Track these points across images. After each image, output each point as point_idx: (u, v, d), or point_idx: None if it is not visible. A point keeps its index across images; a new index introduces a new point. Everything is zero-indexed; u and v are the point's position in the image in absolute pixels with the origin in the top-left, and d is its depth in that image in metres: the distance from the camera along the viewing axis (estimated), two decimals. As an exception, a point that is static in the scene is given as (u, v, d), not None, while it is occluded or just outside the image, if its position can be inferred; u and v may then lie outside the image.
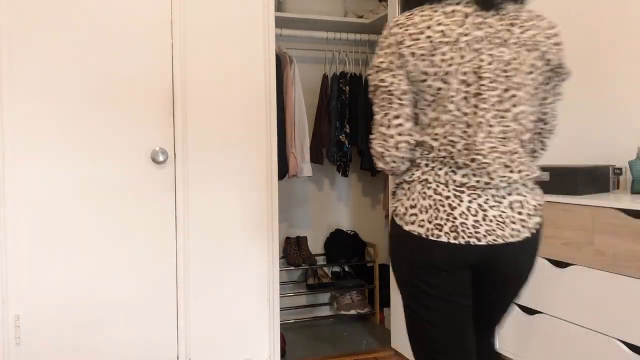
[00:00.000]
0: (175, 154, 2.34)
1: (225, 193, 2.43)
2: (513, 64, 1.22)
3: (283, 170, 2.94)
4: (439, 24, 1.21)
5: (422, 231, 1.22)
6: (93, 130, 2.22)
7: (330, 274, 3.47)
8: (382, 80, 1.25)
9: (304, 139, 3.02)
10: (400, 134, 1.24)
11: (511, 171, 1.22)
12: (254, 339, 2.50)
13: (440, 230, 1.20)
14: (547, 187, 2.08)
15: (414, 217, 1.24)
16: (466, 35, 1.20)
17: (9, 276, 2.12)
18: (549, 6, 2.56)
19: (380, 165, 1.30)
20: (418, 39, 1.21)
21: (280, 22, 2.90)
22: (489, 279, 1.30)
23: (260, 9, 2.46)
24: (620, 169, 2.13)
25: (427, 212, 1.22)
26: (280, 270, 2.68)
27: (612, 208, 1.79)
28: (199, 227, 2.39)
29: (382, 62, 1.26)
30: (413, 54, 1.21)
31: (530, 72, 1.25)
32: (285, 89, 2.97)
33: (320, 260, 3.45)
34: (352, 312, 3.32)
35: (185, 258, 2.36)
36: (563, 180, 2.03)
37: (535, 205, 1.27)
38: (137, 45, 2.27)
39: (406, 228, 1.25)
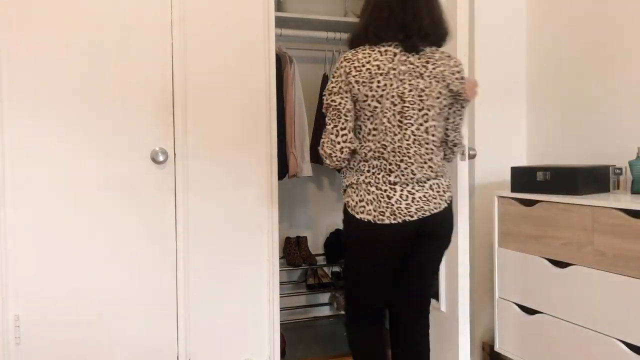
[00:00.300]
0: (175, 154, 2.34)
1: (225, 193, 2.43)
2: (426, 91, 1.69)
3: (283, 170, 2.94)
4: (376, 60, 1.68)
5: (370, 218, 1.69)
6: (93, 131, 2.22)
7: (330, 274, 3.47)
8: (333, 101, 1.71)
9: (304, 139, 3.02)
10: (344, 142, 1.70)
11: (429, 167, 1.71)
12: (254, 339, 2.50)
13: (383, 215, 1.68)
14: (547, 187, 2.08)
15: (362, 208, 1.70)
16: (394, 69, 1.67)
17: (9, 276, 2.12)
18: (550, 6, 2.56)
19: (327, 162, 1.76)
20: (360, 71, 1.67)
21: (280, 22, 2.89)
22: (423, 240, 1.76)
23: (260, 9, 2.46)
24: (620, 169, 2.13)
25: (372, 204, 1.69)
26: (280, 270, 2.68)
27: (612, 208, 1.79)
28: (199, 227, 2.39)
29: (333, 87, 1.71)
30: (357, 81, 1.68)
31: (438, 98, 1.71)
32: (285, 89, 2.97)
33: (320, 260, 3.45)
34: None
35: (185, 258, 2.36)
36: (563, 180, 2.03)
37: (447, 185, 1.78)
38: (137, 45, 2.27)
39: (357, 216, 1.71)
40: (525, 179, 2.18)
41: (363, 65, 1.67)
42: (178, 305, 2.36)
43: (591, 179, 2.05)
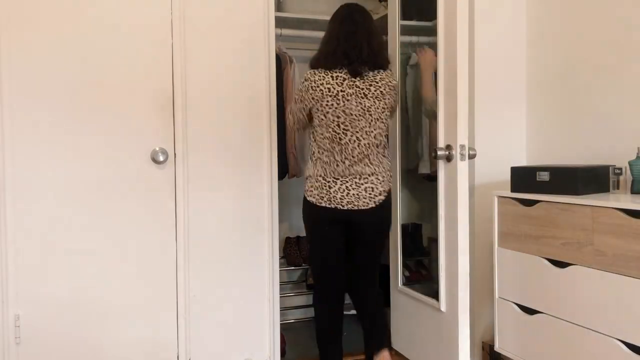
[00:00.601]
0: (175, 154, 2.34)
1: (225, 193, 2.43)
2: (372, 109, 2.17)
3: (283, 170, 2.94)
4: (328, 83, 2.15)
5: (314, 201, 2.21)
6: (93, 131, 2.22)
7: (330, 274, 3.47)
8: (299, 101, 2.23)
9: (304, 139, 3.02)
10: (297, 120, 2.27)
11: (368, 167, 2.18)
12: (254, 338, 2.50)
13: (322, 199, 2.19)
14: (547, 187, 2.08)
15: (311, 193, 2.22)
16: (342, 91, 2.14)
17: (9, 276, 2.12)
18: (550, 7, 2.56)
19: (289, 125, 2.35)
20: (315, 90, 2.16)
21: (280, 22, 2.90)
22: (354, 230, 2.25)
23: (261, 9, 2.46)
24: (620, 169, 2.13)
25: (317, 190, 2.20)
26: (280, 270, 2.68)
27: (612, 208, 1.79)
28: (199, 226, 2.39)
29: (301, 95, 2.22)
30: (312, 97, 2.17)
31: (382, 111, 2.20)
32: (285, 89, 2.97)
33: (320, 260, 3.44)
34: (352, 312, 3.32)
35: (185, 258, 2.36)
36: (563, 180, 2.03)
37: (381, 191, 2.21)
38: (137, 46, 2.28)
39: (308, 198, 2.24)
40: (525, 179, 2.18)
41: (317, 86, 2.15)
42: (178, 305, 2.36)
43: (591, 179, 2.05)
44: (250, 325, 2.49)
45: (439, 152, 2.26)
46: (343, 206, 2.16)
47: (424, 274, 3.26)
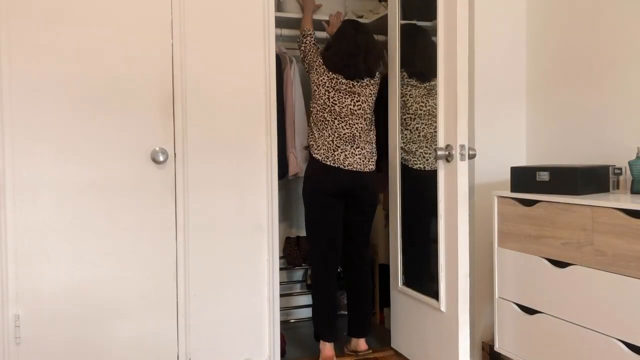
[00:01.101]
0: (175, 154, 2.34)
1: (225, 193, 2.43)
2: (365, 103, 2.70)
3: (283, 170, 2.94)
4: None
5: (320, 158, 2.64)
6: (93, 130, 2.22)
7: (330, 274, 3.47)
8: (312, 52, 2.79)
9: (304, 139, 3.02)
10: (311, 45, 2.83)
11: (361, 140, 2.68)
12: (254, 338, 2.50)
13: (327, 159, 2.63)
14: (547, 187, 2.08)
15: (318, 151, 2.65)
16: (337, 79, 2.67)
17: (9, 276, 2.12)
18: (549, 7, 2.56)
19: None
20: (320, 65, 2.70)
21: (280, 22, 2.89)
22: (351, 193, 2.67)
23: (261, 9, 2.46)
24: (620, 169, 2.13)
25: (323, 149, 2.64)
26: (280, 270, 2.68)
27: (612, 208, 1.79)
28: (198, 226, 2.39)
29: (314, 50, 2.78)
30: (318, 63, 2.71)
31: (365, 101, 2.69)
32: (285, 89, 2.97)
33: (320, 260, 3.44)
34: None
35: (185, 258, 2.37)
36: (563, 180, 2.03)
37: (370, 159, 2.71)
38: (137, 46, 2.28)
39: (314, 155, 2.67)
40: (525, 179, 2.18)
41: (322, 65, 2.69)
42: (178, 305, 2.36)
43: (591, 179, 2.05)
44: (250, 325, 2.49)
45: (439, 152, 2.26)
46: (345, 166, 2.62)
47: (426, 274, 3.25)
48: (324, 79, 2.65)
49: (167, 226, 2.34)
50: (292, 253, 3.30)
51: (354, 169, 2.63)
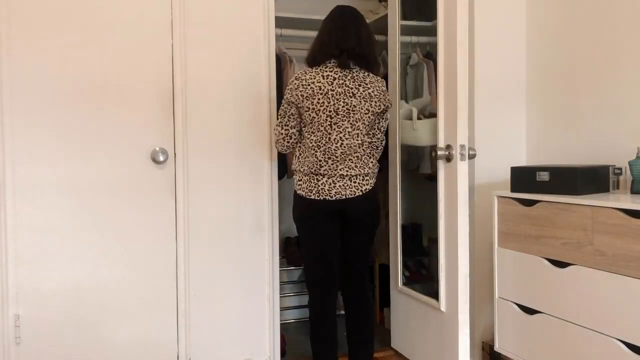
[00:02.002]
0: (175, 153, 2.34)
1: (225, 193, 2.43)
2: (357, 107, 2.20)
3: (283, 170, 2.94)
4: (319, 82, 2.18)
5: (304, 193, 2.24)
6: (93, 130, 2.22)
7: (330, 274, 3.46)
8: (283, 105, 2.24)
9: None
10: (285, 135, 2.25)
11: (353, 165, 2.23)
12: (254, 338, 2.50)
13: (311, 193, 2.22)
14: (547, 187, 2.08)
15: (300, 186, 2.26)
16: (332, 90, 2.18)
17: (9, 276, 2.12)
18: (549, 7, 2.56)
19: (276, 146, 2.32)
20: (306, 88, 2.18)
21: (280, 22, 2.89)
22: (345, 218, 2.28)
23: (261, 9, 2.46)
24: (620, 169, 2.13)
25: (306, 184, 2.23)
26: (280, 270, 2.68)
27: (612, 208, 1.79)
28: (199, 226, 2.39)
29: (288, 96, 2.22)
30: (302, 95, 2.18)
31: (366, 113, 2.22)
32: (285, 88, 2.97)
33: (320, 260, 3.44)
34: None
35: (185, 258, 2.36)
36: (563, 180, 2.03)
37: (367, 178, 2.27)
38: (137, 45, 2.28)
39: (298, 192, 2.27)
40: (525, 179, 2.18)
41: (308, 84, 2.18)
42: (178, 305, 2.36)
43: (591, 179, 2.05)
44: (250, 325, 2.49)
45: (439, 152, 2.26)
46: (332, 197, 2.21)
47: (424, 274, 3.26)
48: (317, 98, 2.19)
49: (167, 226, 2.34)
50: (292, 253, 3.30)
51: (343, 197, 2.24)
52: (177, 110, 2.34)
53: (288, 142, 2.26)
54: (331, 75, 2.19)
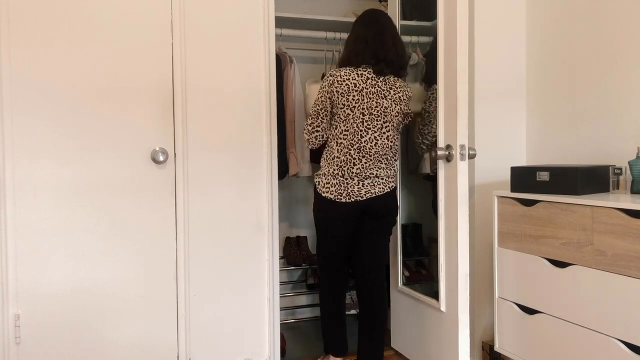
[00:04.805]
0: (175, 153, 2.34)
1: (225, 193, 2.43)
2: (388, 109, 2.33)
3: (283, 170, 2.94)
4: (354, 79, 2.29)
5: (332, 197, 2.33)
6: (93, 130, 2.22)
7: (330, 274, 3.47)
8: (317, 100, 2.35)
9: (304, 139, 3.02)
10: (317, 132, 2.36)
11: (384, 164, 2.36)
12: (254, 338, 2.50)
13: (341, 196, 2.32)
14: (547, 187, 2.08)
15: (327, 190, 2.35)
16: (366, 88, 2.29)
17: (9, 276, 2.12)
18: (549, 6, 2.56)
19: (306, 144, 2.44)
20: (341, 84, 2.29)
21: (280, 22, 2.90)
22: (370, 216, 2.38)
23: (261, 9, 2.46)
24: (620, 169, 2.13)
25: (335, 187, 2.33)
26: (280, 270, 2.68)
27: (612, 208, 1.79)
28: (199, 226, 2.39)
29: (323, 91, 2.33)
30: (337, 90, 2.29)
31: (396, 115, 2.35)
32: (285, 89, 2.97)
33: (320, 260, 3.44)
34: (352, 311, 3.32)
35: (185, 258, 2.37)
36: (563, 180, 2.03)
37: (392, 177, 2.40)
38: (137, 45, 2.28)
39: (323, 195, 2.36)
40: (525, 179, 2.18)
41: (344, 81, 2.28)
42: (178, 305, 2.36)
43: (591, 179, 2.05)
44: (250, 325, 2.49)
45: (439, 152, 2.26)
46: (362, 197, 2.32)
47: (424, 274, 3.26)
48: (352, 95, 2.29)
49: (167, 226, 2.34)
50: (292, 253, 3.30)
51: (372, 195, 2.34)
52: (177, 110, 2.34)
53: (322, 136, 2.37)
54: (365, 75, 2.30)
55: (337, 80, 2.28)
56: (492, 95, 2.63)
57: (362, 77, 2.29)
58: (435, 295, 2.43)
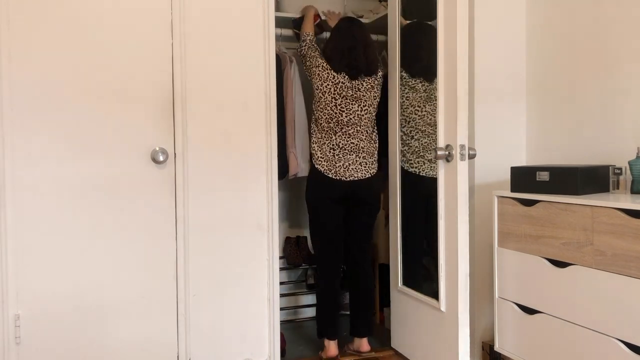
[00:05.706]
0: (175, 153, 2.34)
1: (225, 193, 2.43)
2: (370, 106, 2.72)
3: (283, 170, 2.94)
4: (332, 72, 2.69)
5: (322, 169, 2.68)
6: (93, 130, 2.22)
7: (330, 274, 3.46)
8: (311, 57, 2.77)
9: (304, 139, 3.02)
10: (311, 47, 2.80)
11: (362, 142, 2.71)
12: (254, 338, 2.50)
13: (329, 172, 2.67)
14: (547, 187, 2.08)
15: (319, 162, 2.70)
16: (343, 83, 2.67)
17: (9, 276, 2.12)
18: (549, 6, 2.56)
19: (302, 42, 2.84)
20: (324, 69, 2.68)
21: (280, 22, 2.89)
22: (354, 198, 2.72)
23: (261, 9, 2.46)
24: (620, 169, 2.13)
25: (327, 162, 2.69)
26: (280, 270, 2.68)
27: (612, 208, 1.79)
28: (198, 226, 2.39)
29: (315, 54, 2.74)
30: (319, 70, 2.68)
31: (374, 99, 2.73)
32: (285, 89, 2.97)
33: (320, 260, 3.44)
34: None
35: (185, 258, 2.37)
36: (563, 180, 2.03)
37: (372, 163, 2.75)
38: (137, 45, 2.28)
39: (316, 166, 2.70)
40: (525, 179, 2.18)
41: (325, 69, 2.67)
42: (178, 305, 2.36)
43: (591, 179, 2.05)
44: (250, 325, 2.49)
45: (439, 152, 2.26)
46: (347, 178, 2.66)
47: (423, 274, 3.25)
48: (328, 85, 2.65)
49: (167, 226, 2.34)
50: (292, 253, 3.30)
51: (356, 178, 2.67)
52: (177, 110, 2.34)
53: (310, 44, 2.77)
54: (340, 80, 2.70)
55: (323, 66, 2.69)
56: (492, 95, 2.63)
57: (338, 83, 2.69)
58: (435, 295, 2.43)
